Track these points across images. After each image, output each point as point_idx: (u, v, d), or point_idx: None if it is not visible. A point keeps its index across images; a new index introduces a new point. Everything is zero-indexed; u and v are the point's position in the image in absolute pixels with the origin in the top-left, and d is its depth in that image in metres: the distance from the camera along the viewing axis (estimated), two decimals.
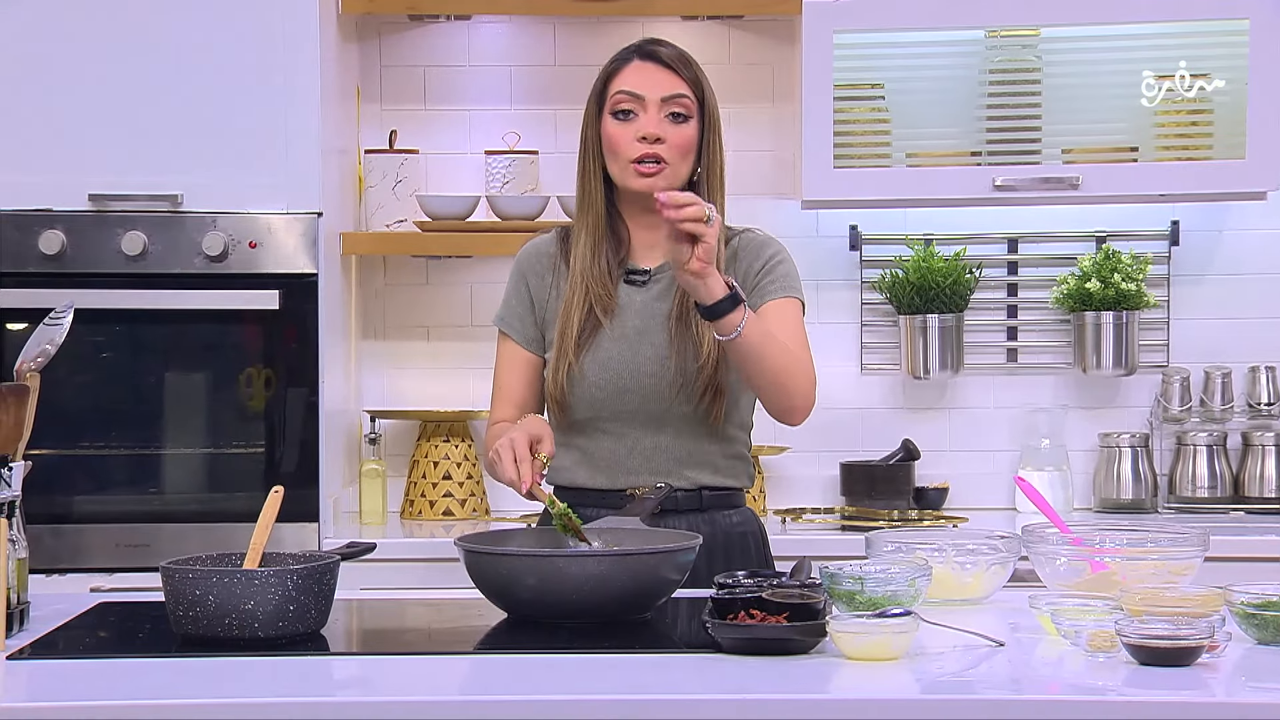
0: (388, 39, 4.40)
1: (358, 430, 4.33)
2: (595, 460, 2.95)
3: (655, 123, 2.89)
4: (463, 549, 2.54)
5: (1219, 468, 4.27)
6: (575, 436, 2.96)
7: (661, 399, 2.91)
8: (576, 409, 2.93)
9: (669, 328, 2.92)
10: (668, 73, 2.92)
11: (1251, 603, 2.34)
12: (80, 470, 3.86)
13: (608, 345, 2.92)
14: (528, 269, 3.03)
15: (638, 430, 2.93)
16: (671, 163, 2.90)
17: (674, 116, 2.90)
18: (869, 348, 4.41)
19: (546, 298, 3.00)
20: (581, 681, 2.16)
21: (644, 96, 2.90)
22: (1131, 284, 4.23)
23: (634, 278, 2.97)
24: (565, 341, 2.92)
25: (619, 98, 2.91)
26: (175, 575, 2.37)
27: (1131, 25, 4.13)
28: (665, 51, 2.94)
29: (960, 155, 4.18)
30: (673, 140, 2.89)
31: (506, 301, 3.05)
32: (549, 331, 2.98)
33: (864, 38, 4.16)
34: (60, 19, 3.82)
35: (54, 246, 3.81)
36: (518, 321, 3.01)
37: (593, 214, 2.95)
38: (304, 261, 3.85)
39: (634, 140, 2.89)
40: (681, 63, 2.93)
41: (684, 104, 2.90)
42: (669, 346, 2.91)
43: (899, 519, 4.07)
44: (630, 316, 2.94)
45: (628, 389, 2.91)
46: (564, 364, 2.91)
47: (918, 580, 2.45)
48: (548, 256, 3.02)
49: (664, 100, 2.90)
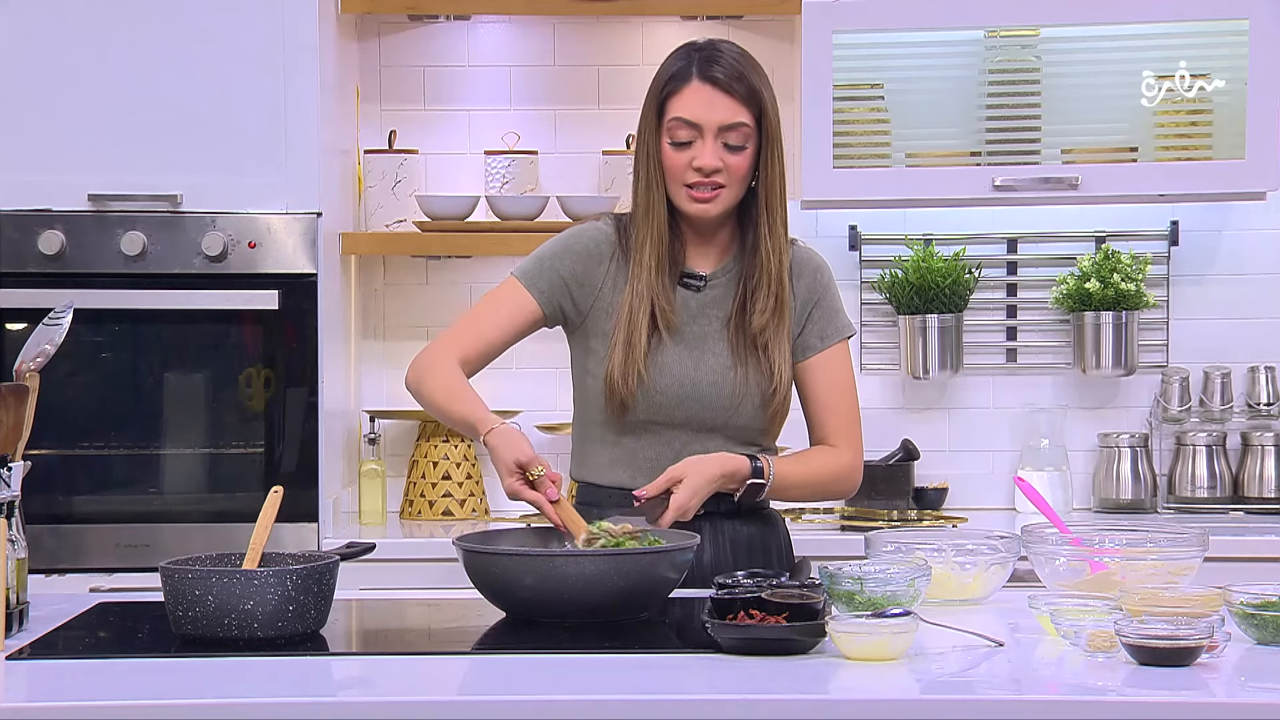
0: (387, 39, 4.40)
1: (357, 430, 4.33)
2: (639, 461, 2.94)
3: (712, 154, 2.86)
4: (461, 549, 2.54)
5: (1218, 468, 4.27)
6: (623, 436, 2.95)
7: (722, 410, 2.92)
8: (636, 411, 2.92)
9: (728, 338, 2.93)
10: (726, 99, 2.86)
11: (1251, 603, 2.34)
12: (80, 470, 3.86)
13: (669, 352, 2.91)
14: (583, 250, 2.97)
15: (687, 436, 2.93)
16: (728, 187, 2.89)
17: (730, 147, 2.87)
18: (868, 348, 4.41)
19: (599, 285, 2.95)
20: (580, 681, 2.16)
21: (701, 125, 2.86)
22: (1131, 284, 4.23)
23: (689, 281, 2.95)
24: (634, 349, 2.88)
25: (675, 125, 2.87)
26: (175, 575, 2.37)
27: (1131, 25, 4.13)
28: (723, 73, 2.87)
29: (960, 155, 4.18)
30: (730, 170, 2.88)
31: (540, 261, 2.97)
32: (598, 319, 2.95)
33: (863, 38, 4.16)
34: (60, 19, 3.82)
35: (53, 246, 3.81)
36: (545, 284, 2.95)
37: (656, 225, 2.91)
38: (303, 262, 3.85)
39: (689, 168, 2.87)
40: (739, 82, 2.87)
41: (743, 132, 2.87)
42: (731, 358, 2.92)
43: (898, 519, 4.07)
44: (687, 321, 2.93)
45: (688, 397, 2.91)
46: (633, 370, 2.88)
47: (917, 580, 2.45)
48: (608, 243, 2.97)
49: (721, 129, 2.86)
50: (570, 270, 2.96)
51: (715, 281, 2.96)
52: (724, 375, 2.91)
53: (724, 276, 2.96)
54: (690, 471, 2.80)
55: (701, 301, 2.95)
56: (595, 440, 2.97)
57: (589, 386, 2.96)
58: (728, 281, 2.95)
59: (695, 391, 2.91)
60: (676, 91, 2.88)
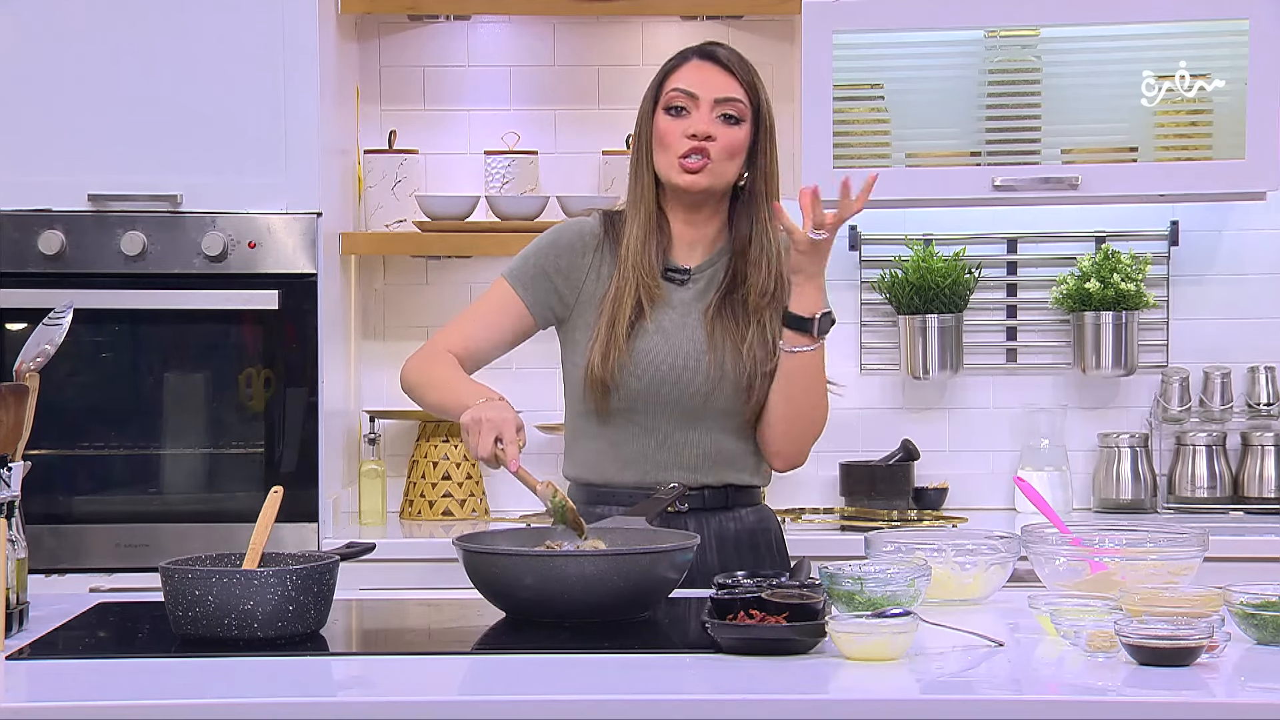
0: (387, 39, 4.40)
1: (357, 430, 4.33)
2: (624, 454, 2.95)
3: (707, 121, 2.90)
4: (461, 549, 2.54)
5: (1218, 468, 4.26)
6: (605, 429, 2.96)
7: (697, 393, 2.92)
8: (615, 399, 2.93)
9: (706, 325, 2.94)
10: (724, 74, 2.93)
11: (1251, 603, 2.34)
12: (80, 470, 3.86)
13: (645, 337, 2.93)
14: (567, 243, 3.00)
15: (669, 425, 2.94)
16: (717, 161, 2.91)
17: (726, 118, 2.91)
18: (868, 348, 4.41)
19: (583, 277, 2.98)
20: (580, 681, 2.16)
21: (698, 95, 2.91)
22: (1131, 284, 4.23)
23: (673, 275, 2.97)
24: (616, 331, 2.91)
25: (673, 94, 2.93)
26: (174, 575, 2.37)
27: (1131, 25, 4.13)
28: (723, 53, 2.95)
29: (960, 155, 4.18)
30: (722, 140, 2.91)
31: (525, 260, 3.01)
32: (583, 312, 2.97)
33: (863, 38, 4.16)
34: (59, 19, 3.82)
35: (53, 246, 3.81)
36: (531, 281, 2.98)
37: (645, 208, 2.96)
38: (303, 262, 3.85)
39: (683, 136, 2.90)
40: (739, 65, 2.95)
41: (738, 107, 2.92)
42: (706, 342, 2.93)
43: (898, 519, 4.07)
44: (668, 311, 2.95)
45: (665, 380, 2.92)
46: (614, 352, 2.90)
47: (917, 580, 2.45)
48: (592, 237, 3.00)
49: (717, 101, 2.91)
50: (554, 264, 2.98)
51: (699, 275, 2.98)
52: (698, 360, 2.93)
53: (708, 270, 2.98)
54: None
55: (684, 295, 2.97)
56: (582, 435, 2.99)
57: (575, 380, 2.98)
58: (711, 276, 2.98)
59: (672, 375, 2.92)
60: (676, 68, 2.96)
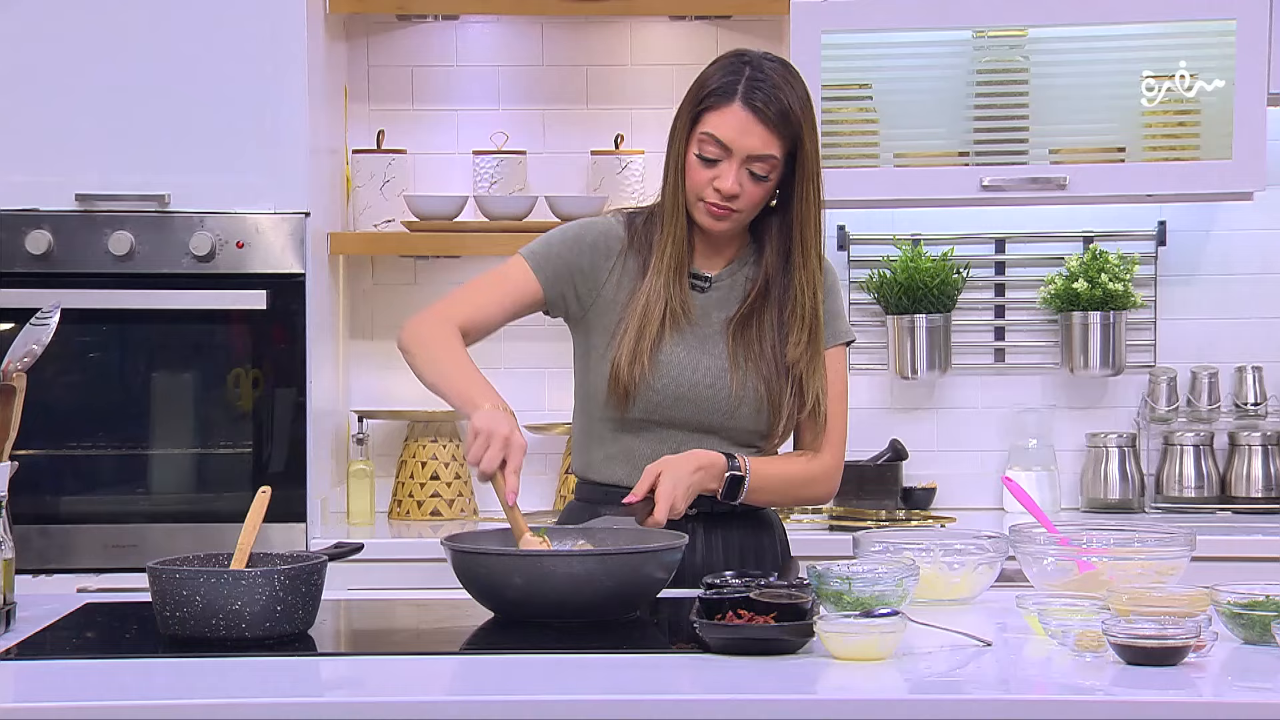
0: (375, 39, 4.40)
1: (346, 430, 4.32)
2: (637, 459, 2.92)
3: (733, 179, 2.84)
4: (449, 549, 2.54)
5: (1206, 468, 4.27)
6: (621, 433, 2.95)
7: (718, 412, 2.92)
8: (634, 408, 2.91)
9: (728, 340, 2.93)
10: (762, 129, 2.83)
11: (1238, 602, 2.35)
12: (67, 470, 3.85)
13: (671, 351, 2.91)
14: (591, 243, 2.96)
15: (684, 435, 2.93)
16: (742, 212, 2.89)
17: (753, 176, 2.86)
18: (856, 348, 4.41)
19: (603, 280, 2.95)
20: (569, 681, 2.16)
21: (731, 150, 2.84)
22: (1119, 284, 4.23)
23: (695, 282, 2.96)
24: (644, 340, 2.88)
25: (706, 141, 2.85)
26: (162, 575, 2.36)
27: (1119, 26, 4.13)
28: (765, 101, 2.83)
29: (948, 155, 4.18)
30: (747, 196, 2.87)
31: (549, 246, 2.96)
32: (600, 315, 2.95)
33: (851, 38, 4.16)
34: (47, 20, 3.81)
35: (41, 246, 3.80)
36: (551, 269, 2.94)
37: (678, 226, 2.91)
38: (292, 261, 3.85)
39: (710, 186, 2.86)
40: (780, 114, 2.84)
41: (768, 164, 2.85)
42: (729, 361, 2.92)
43: (887, 519, 4.07)
44: (690, 321, 2.93)
45: (684, 398, 2.91)
46: (640, 359, 2.87)
47: (905, 580, 2.45)
48: (617, 241, 2.97)
49: (749, 158, 2.84)
50: (577, 261, 2.95)
51: (720, 283, 2.96)
52: (720, 378, 2.91)
53: (728, 278, 2.97)
54: (667, 466, 2.81)
55: (705, 303, 2.95)
56: (595, 437, 2.97)
57: (590, 383, 2.96)
58: (732, 283, 2.96)
59: (693, 393, 2.91)
60: (715, 108, 2.85)
